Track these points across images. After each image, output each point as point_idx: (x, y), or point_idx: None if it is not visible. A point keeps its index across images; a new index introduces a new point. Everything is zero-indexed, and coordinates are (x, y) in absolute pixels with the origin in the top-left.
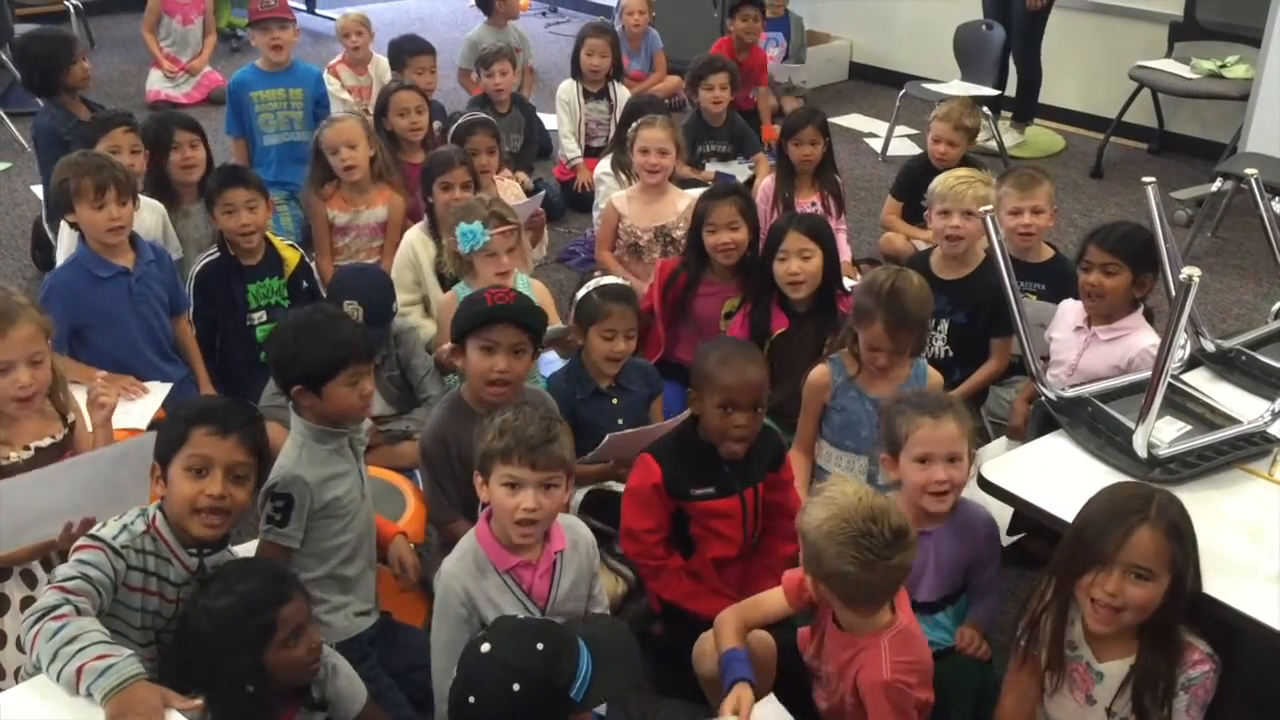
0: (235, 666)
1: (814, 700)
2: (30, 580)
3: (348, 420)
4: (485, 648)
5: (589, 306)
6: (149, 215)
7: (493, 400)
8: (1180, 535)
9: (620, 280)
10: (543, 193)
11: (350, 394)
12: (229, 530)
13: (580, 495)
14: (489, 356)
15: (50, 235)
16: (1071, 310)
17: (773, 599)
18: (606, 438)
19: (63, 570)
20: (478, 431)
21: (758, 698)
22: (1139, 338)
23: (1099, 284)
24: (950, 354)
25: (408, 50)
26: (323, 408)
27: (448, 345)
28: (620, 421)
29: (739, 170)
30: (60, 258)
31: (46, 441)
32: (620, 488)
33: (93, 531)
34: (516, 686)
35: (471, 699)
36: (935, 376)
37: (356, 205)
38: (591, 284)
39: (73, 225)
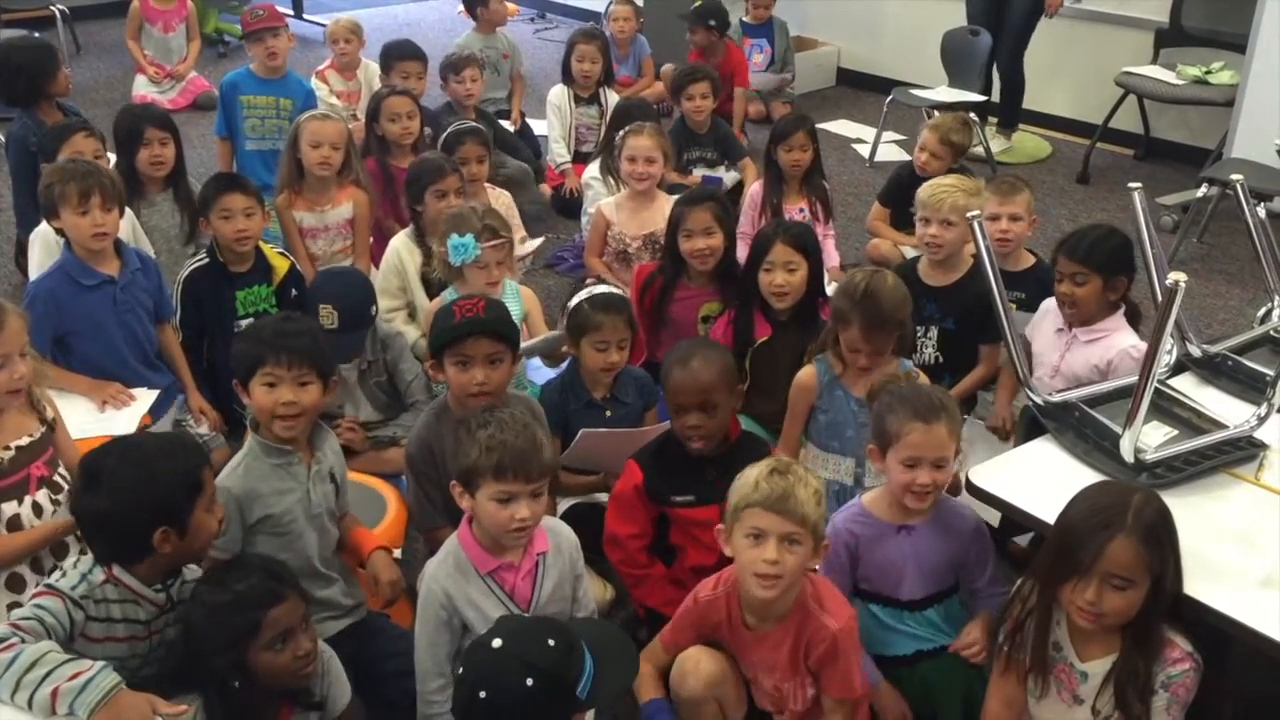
0: (219, 663)
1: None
2: (18, 585)
3: (272, 427)
4: (496, 643)
5: (580, 317)
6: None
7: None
8: (1158, 540)
9: (613, 289)
10: (541, 240)
11: (264, 395)
12: None
13: (564, 507)
14: (466, 370)
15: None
16: (1052, 312)
17: (657, 650)
18: (580, 433)
19: (19, 612)
20: (458, 443)
21: None
22: (1119, 339)
23: (1070, 293)
24: (940, 360)
25: (396, 55)
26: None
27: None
28: None
29: (726, 176)
30: (32, 264)
31: (25, 440)
32: (605, 499)
33: (51, 582)
34: (530, 681)
35: (483, 694)
36: (921, 380)
37: (321, 204)
38: (584, 293)
39: (58, 231)
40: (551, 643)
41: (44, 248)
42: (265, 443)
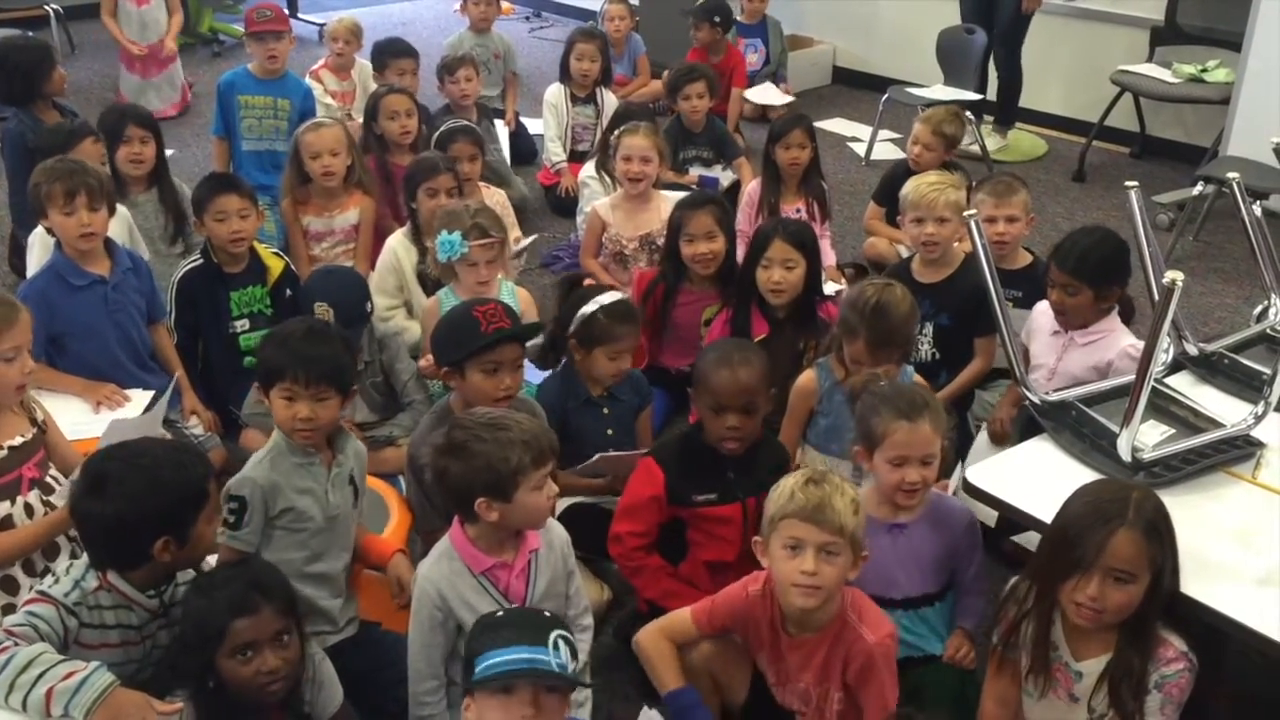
0: (189, 661)
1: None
2: (11, 587)
3: (290, 438)
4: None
5: (597, 328)
6: (116, 222)
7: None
8: (1159, 534)
9: (621, 296)
10: (534, 236)
11: (283, 408)
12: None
13: (562, 506)
14: (493, 376)
15: (22, 242)
16: (1047, 314)
17: (687, 628)
18: (596, 456)
19: (12, 619)
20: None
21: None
22: (1116, 339)
23: (1061, 303)
24: (937, 356)
25: (389, 52)
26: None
27: (428, 361)
28: (610, 432)
29: (723, 176)
30: (31, 266)
31: (18, 440)
32: (612, 502)
33: (44, 588)
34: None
35: None
36: (921, 384)
37: (330, 210)
38: (596, 303)
39: (49, 231)
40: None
41: (42, 247)
42: (289, 440)
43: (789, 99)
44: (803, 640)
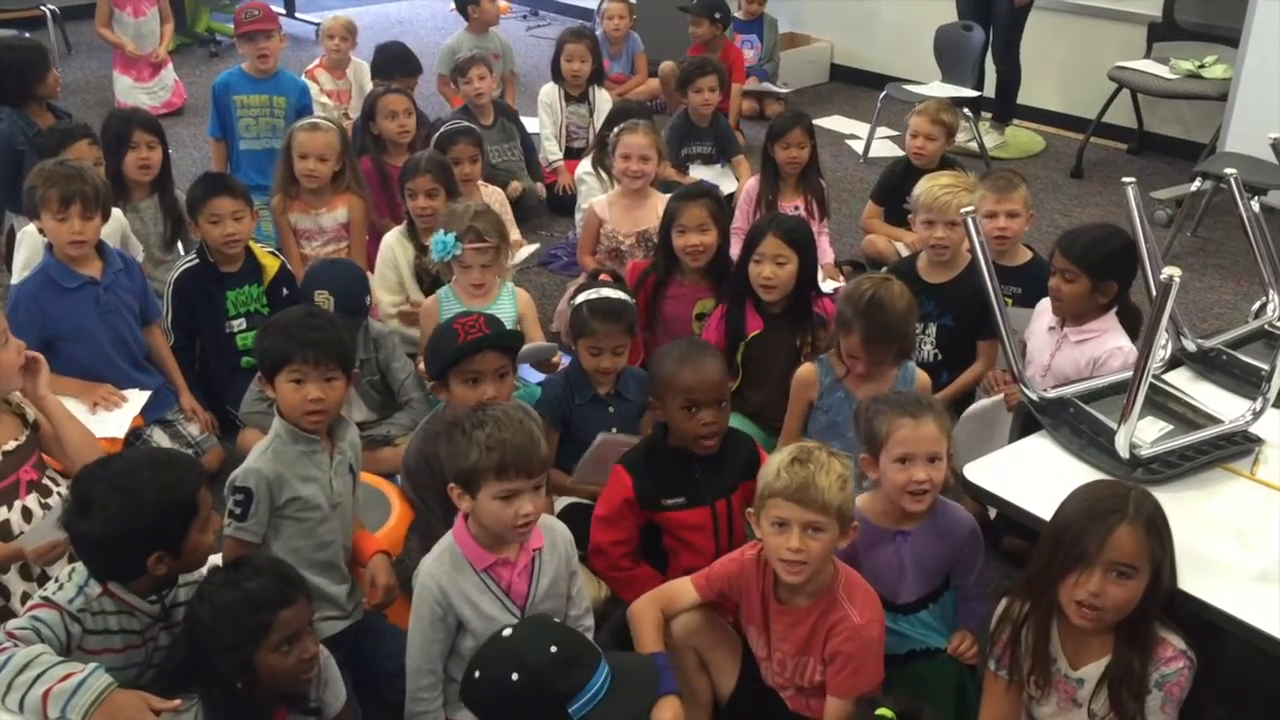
0: (225, 662)
1: (762, 680)
2: (2, 593)
3: (301, 422)
4: (507, 632)
5: (578, 319)
6: (110, 224)
7: None
8: (1158, 530)
9: (619, 294)
10: (536, 246)
11: (292, 392)
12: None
13: (560, 506)
14: (475, 387)
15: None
16: (1047, 311)
17: (686, 593)
18: (599, 438)
19: (15, 622)
20: (452, 444)
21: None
22: (1107, 339)
23: (1057, 288)
24: (939, 357)
25: (396, 66)
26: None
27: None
28: (614, 430)
29: (723, 178)
30: (17, 263)
31: (11, 445)
32: None
33: (48, 594)
34: (515, 676)
35: (476, 673)
36: (923, 379)
37: (316, 208)
38: (589, 293)
39: (42, 232)
40: (554, 650)
41: (31, 247)
42: (291, 429)
43: (784, 90)
44: (792, 609)
